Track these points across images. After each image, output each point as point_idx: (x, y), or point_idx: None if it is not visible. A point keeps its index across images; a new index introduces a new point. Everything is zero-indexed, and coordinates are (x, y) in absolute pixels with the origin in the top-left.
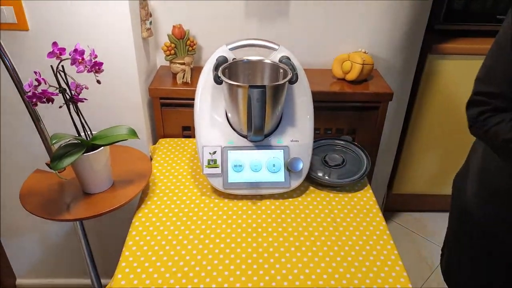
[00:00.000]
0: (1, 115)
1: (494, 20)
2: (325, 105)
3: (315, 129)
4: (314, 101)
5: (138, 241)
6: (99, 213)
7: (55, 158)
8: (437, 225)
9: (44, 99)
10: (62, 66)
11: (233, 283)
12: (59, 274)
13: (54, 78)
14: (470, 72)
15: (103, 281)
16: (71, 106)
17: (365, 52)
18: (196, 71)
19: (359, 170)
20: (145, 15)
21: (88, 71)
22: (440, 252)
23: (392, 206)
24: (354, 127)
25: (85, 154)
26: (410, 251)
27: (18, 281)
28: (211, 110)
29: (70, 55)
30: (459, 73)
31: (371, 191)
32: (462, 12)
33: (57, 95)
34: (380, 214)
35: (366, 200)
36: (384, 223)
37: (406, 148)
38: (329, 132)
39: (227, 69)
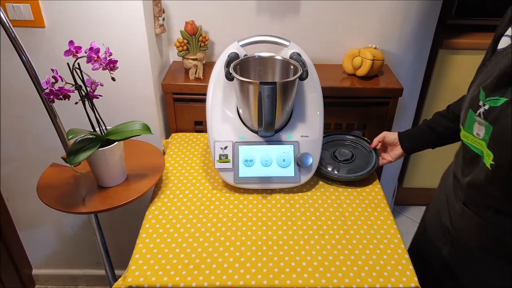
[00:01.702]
0: (19, 111)
1: None
2: (335, 101)
3: (325, 124)
4: (325, 96)
5: (151, 234)
6: (114, 206)
7: (71, 152)
8: None
9: (61, 96)
10: (78, 64)
11: (244, 275)
12: (74, 265)
13: (70, 74)
14: None
15: (117, 272)
16: (86, 102)
17: (375, 48)
18: (208, 66)
19: (368, 165)
20: (158, 12)
21: (103, 69)
22: None
23: (403, 200)
24: (364, 122)
25: (100, 149)
26: None
27: (34, 271)
28: (223, 105)
29: (85, 53)
30: (471, 69)
31: (379, 185)
32: (474, 6)
33: (73, 92)
34: (388, 209)
35: (374, 195)
36: (391, 217)
37: None
38: (339, 127)
39: (238, 65)
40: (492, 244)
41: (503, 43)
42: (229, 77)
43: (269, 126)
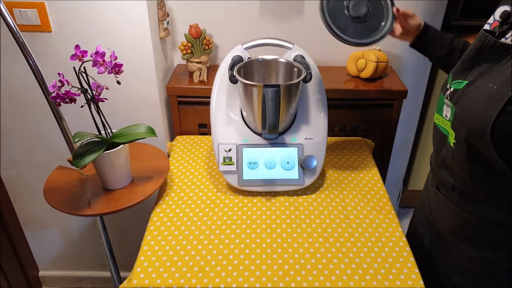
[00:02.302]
0: (26, 114)
1: None
2: (339, 103)
3: (329, 126)
4: (329, 98)
5: (156, 236)
6: (119, 209)
7: (77, 155)
8: None
9: (67, 100)
10: (84, 67)
11: (248, 277)
12: (80, 267)
13: (76, 78)
14: None
15: (122, 273)
16: (92, 105)
17: (379, 50)
18: (212, 69)
19: (378, 30)
20: (162, 16)
21: (109, 73)
22: None
23: (408, 202)
24: (369, 125)
25: (105, 151)
26: None
27: (41, 272)
28: (227, 108)
29: (91, 57)
30: None
31: (384, 188)
32: (479, 7)
33: (79, 95)
34: (393, 211)
35: (379, 198)
36: (396, 220)
37: (421, 145)
38: (344, 130)
39: (242, 68)
40: (458, 227)
41: (486, 26)
42: (233, 80)
43: (273, 129)
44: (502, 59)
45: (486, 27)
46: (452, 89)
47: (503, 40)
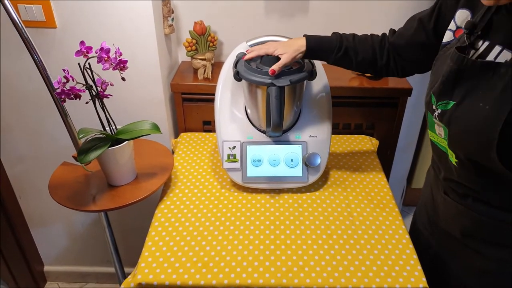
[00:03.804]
0: (31, 110)
1: None
2: (344, 101)
3: (334, 124)
4: (333, 96)
5: (161, 232)
6: (123, 205)
7: (82, 151)
8: None
9: (72, 96)
10: (89, 64)
11: (251, 273)
12: (84, 262)
13: (81, 74)
14: None
15: (126, 269)
16: (97, 102)
17: None
18: (216, 66)
19: None
20: (167, 12)
21: (113, 69)
22: None
23: (411, 200)
24: (373, 122)
25: (110, 148)
26: None
27: (46, 268)
28: (231, 105)
29: (96, 53)
30: None
31: (388, 186)
32: None
33: (84, 91)
34: (397, 209)
35: (383, 195)
36: (400, 218)
37: (425, 143)
38: (348, 127)
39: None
40: (474, 228)
41: (447, 37)
42: (237, 77)
43: (277, 127)
44: (485, 75)
45: (449, 35)
46: (439, 110)
47: (477, 53)
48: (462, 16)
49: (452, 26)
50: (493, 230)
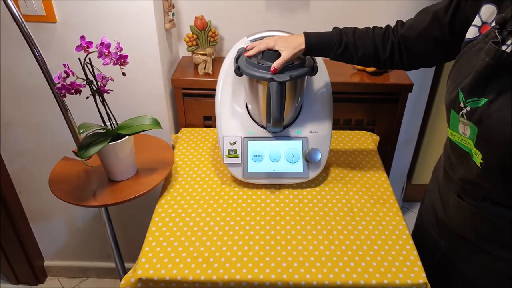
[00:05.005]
0: (31, 105)
1: None
2: (344, 96)
3: (335, 120)
4: (334, 92)
5: (161, 227)
6: (124, 200)
7: (82, 146)
8: None
9: (72, 91)
10: (89, 58)
11: (252, 269)
12: (85, 257)
13: (81, 69)
14: None
15: (126, 264)
16: (97, 97)
17: None
18: (217, 61)
19: None
20: (168, 7)
21: (114, 64)
22: None
23: (411, 196)
24: (374, 118)
25: (110, 143)
26: None
27: (46, 262)
28: (232, 100)
29: (96, 48)
30: None
31: (388, 182)
32: None
33: (84, 86)
34: (397, 205)
35: (383, 191)
36: (400, 213)
37: (426, 139)
38: (349, 123)
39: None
40: (490, 232)
41: (471, 33)
42: (238, 72)
43: (278, 122)
44: None
45: (473, 31)
46: (468, 108)
47: (504, 47)
48: (488, 11)
49: (477, 21)
50: (511, 233)
